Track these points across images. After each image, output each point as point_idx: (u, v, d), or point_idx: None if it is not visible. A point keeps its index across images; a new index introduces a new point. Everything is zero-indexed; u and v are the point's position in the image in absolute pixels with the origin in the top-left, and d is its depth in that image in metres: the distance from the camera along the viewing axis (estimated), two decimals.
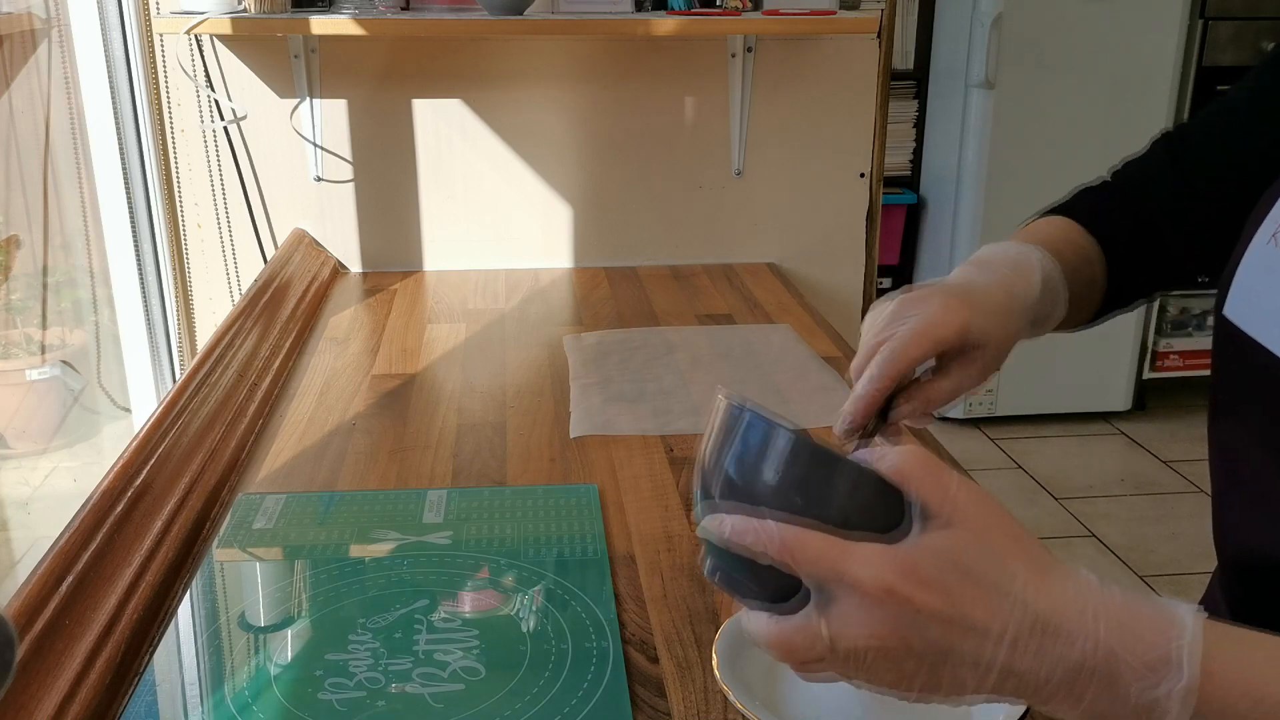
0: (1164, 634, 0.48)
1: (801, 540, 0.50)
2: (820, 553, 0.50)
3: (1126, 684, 0.48)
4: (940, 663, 0.50)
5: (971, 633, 0.49)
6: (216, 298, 1.90)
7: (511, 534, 0.98)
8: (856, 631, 0.50)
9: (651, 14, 1.77)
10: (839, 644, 0.50)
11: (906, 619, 0.49)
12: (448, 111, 1.86)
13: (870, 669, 0.51)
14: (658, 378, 1.36)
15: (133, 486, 0.96)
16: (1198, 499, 2.81)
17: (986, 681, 0.50)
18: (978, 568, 0.50)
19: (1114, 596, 0.50)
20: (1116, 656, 0.48)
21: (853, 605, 0.50)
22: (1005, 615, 0.49)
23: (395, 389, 1.34)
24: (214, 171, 1.84)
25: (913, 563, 0.49)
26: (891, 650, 0.50)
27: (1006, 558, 0.50)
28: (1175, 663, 0.48)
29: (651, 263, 1.96)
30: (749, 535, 0.51)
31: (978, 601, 0.49)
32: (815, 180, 1.96)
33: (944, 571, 0.49)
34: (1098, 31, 2.90)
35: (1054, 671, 0.49)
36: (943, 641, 0.49)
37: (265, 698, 0.75)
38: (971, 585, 0.49)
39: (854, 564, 0.49)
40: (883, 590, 0.49)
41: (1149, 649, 0.48)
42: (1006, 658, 0.49)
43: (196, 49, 1.77)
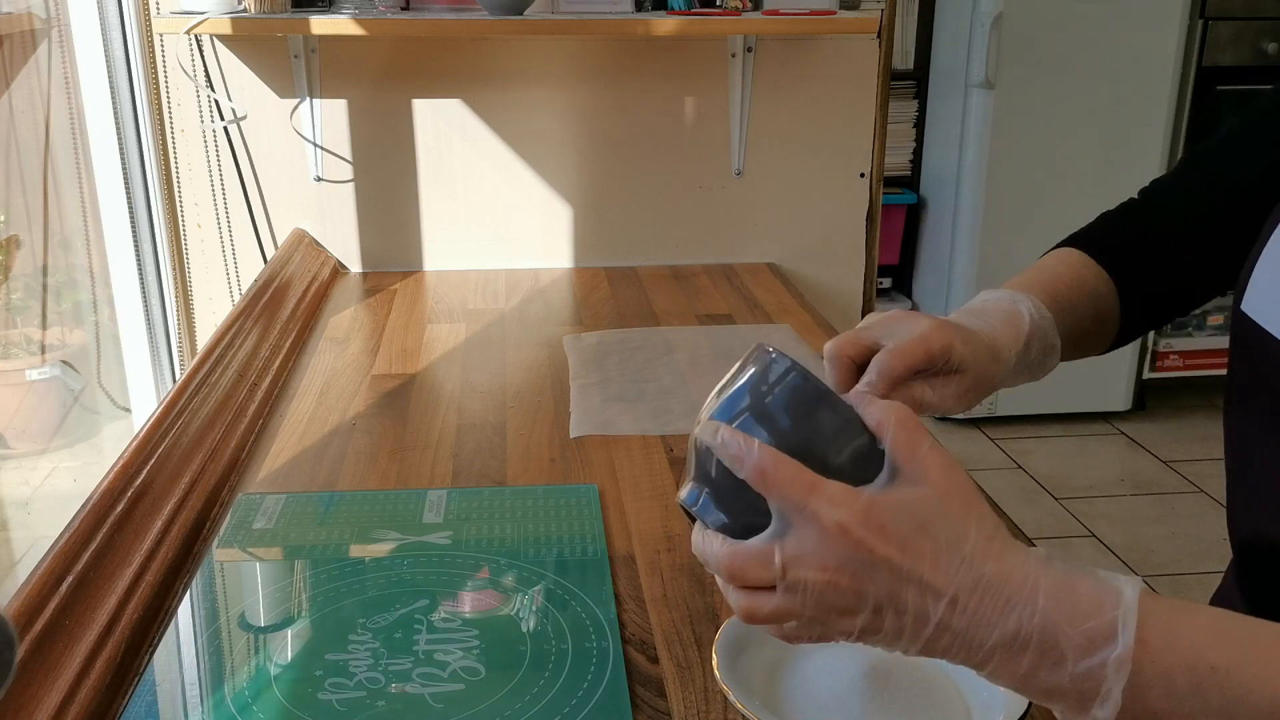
0: (1101, 605, 0.50)
1: (777, 464, 0.53)
2: (792, 479, 0.53)
3: (1064, 653, 0.49)
4: (883, 607, 0.52)
5: (917, 583, 0.51)
6: (216, 298, 1.90)
7: (511, 534, 0.98)
8: (809, 563, 0.52)
9: (651, 14, 1.77)
10: (789, 572, 0.52)
11: (859, 560, 0.51)
12: (448, 111, 1.86)
13: (815, 603, 0.53)
14: (658, 378, 1.36)
15: (133, 486, 0.96)
16: (1198, 499, 2.81)
17: (922, 633, 0.52)
18: (934, 524, 0.52)
19: (1057, 568, 0.51)
20: (1055, 625, 0.50)
21: (810, 538, 0.52)
22: (951, 571, 0.51)
23: (395, 389, 1.34)
24: (214, 171, 1.84)
25: (874, 509, 0.52)
26: (839, 587, 0.52)
27: (962, 520, 0.52)
28: (1110, 632, 0.49)
29: (651, 263, 1.96)
30: (734, 445, 0.54)
31: (928, 555, 0.51)
32: (815, 180, 1.96)
33: (902, 522, 0.52)
34: (1098, 31, 2.90)
35: (989, 634, 0.50)
36: (889, 587, 0.51)
37: (265, 698, 0.75)
38: (926, 539, 0.51)
39: (820, 498, 0.52)
40: (840, 529, 0.51)
41: (1086, 618, 0.49)
42: (946, 613, 0.51)
43: (196, 49, 1.77)
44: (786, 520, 0.53)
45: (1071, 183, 3.02)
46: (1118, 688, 0.49)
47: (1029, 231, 3.05)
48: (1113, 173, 3.02)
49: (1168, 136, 3.01)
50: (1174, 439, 3.16)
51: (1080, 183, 3.02)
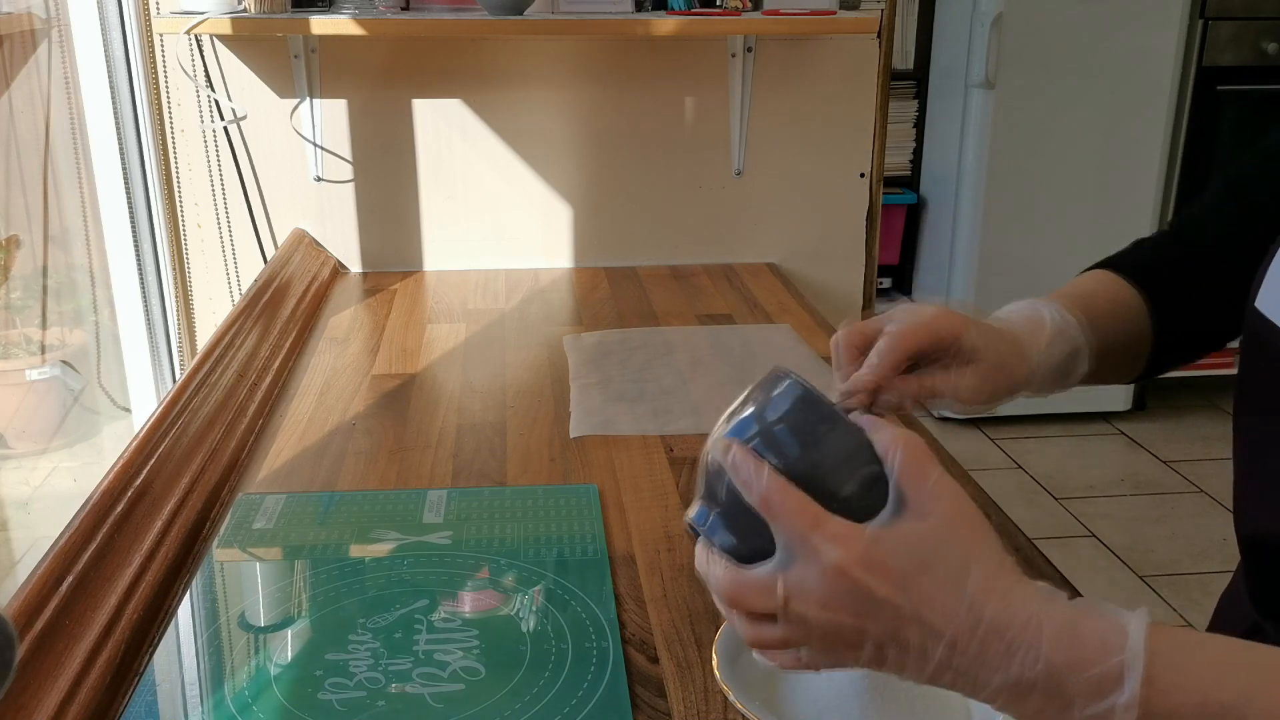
0: (1107, 647, 0.49)
1: (784, 494, 0.53)
2: (797, 512, 0.52)
3: (1071, 699, 0.49)
4: (885, 645, 0.52)
5: (917, 623, 0.51)
6: (216, 298, 1.90)
7: (511, 534, 0.98)
8: (810, 599, 0.52)
9: (651, 14, 1.77)
10: (791, 605, 0.52)
11: (859, 599, 0.51)
12: (448, 111, 1.86)
13: (817, 638, 0.53)
14: (658, 378, 1.36)
15: (133, 486, 0.96)
16: (1198, 499, 2.81)
17: (925, 669, 0.52)
18: (936, 562, 0.51)
19: (1061, 608, 0.50)
20: (1060, 671, 0.49)
21: (812, 574, 0.52)
22: (951, 612, 0.50)
23: (395, 389, 1.34)
24: (214, 171, 1.84)
25: (875, 548, 0.51)
26: (841, 625, 0.52)
27: (966, 556, 0.52)
28: (1118, 677, 0.48)
29: (651, 263, 1.96)
30: (745, 470, 0.54)
31: (928, 595, 0.51)
32: (815, 180, 1.96)
33: (903, 560, 0.51)
34: (1098, 31, 2.90)
35: (993, 677, 0.50)
36: (890, 626, 0.51)
37: (265, 698, 0.75)
38: (927, 577, 0.51)
39: (822, 536, 0.52)
40: (838, 570, 0.51)
41: (1092, 664, 0.49)
42: (945, 654, 0.51)
43: (196, 49, 1.77)
44: (791, 554, 0.52)
45: (1071, 182, 3.02)
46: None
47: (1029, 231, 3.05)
48: (1113, 172, 3.02)
49: (1168, 136, 3.01)
50: (1174, 439, 3.16)
51: (1080, 182, 3.02)
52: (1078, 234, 3.06)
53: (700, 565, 0.57)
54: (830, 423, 0.55)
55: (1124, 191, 3.05)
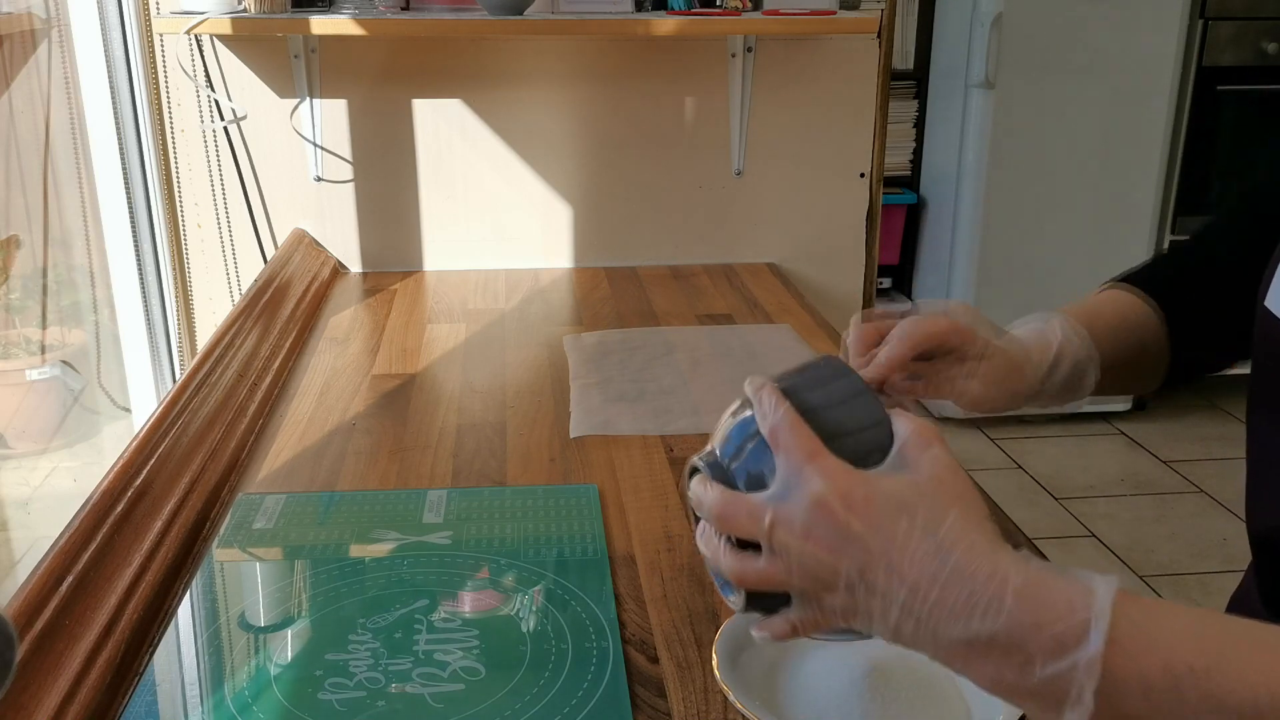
0: (1072, 606, 0.49)
1: (793, 426, 0.55)
2: (800, 443, 0.55)
3: (1031, 655, 0.49)
4: (855, 585, 0.53)
5: (885, 565, 0.52)
6: (216, 298, 1.90)
7: (511, 534, 0.98)
8: (794, 528, 0.54)
9: (651, 14, 1.77)
10: (775, 533, 0.54)
11: (835, 533, 0.53)
12: (448, 111, 1.86)
13: (798, 570, 0.54)
14: (658, 378, 1.36)
15: (133, 486, 0.96)
16: (1198, 499, 2.81)
17: (890, 617, 0.52)
18: (914, 509, 0.52)
19: (1030, 566, 0.51)
20: (1022, 627, 0.49)
21: (799, 505, 0.53)
22: (918, 557, 0.51)
23: (395, 389, 1.34)
24: (214, 171, 1.84)
25: (859, 487, 0.53)
26: (817, 560, 0.53)
27: (944, 508, 0.53)
28: (1081, 634, 0.48)
29: (651, 263, 1.96)
30: (767, 401, 0.56)
31: (900, 538, 0.52)
32: (815, 180, 1.96)
33: (883, 503, 0.53)
34: (1098, 31, 2.90)
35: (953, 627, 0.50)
36: (860, 564, 0.52)
37: (265, 698, 0.75)
38: (904, 522, 0.52)
39: (814, 467, 0.54)
40: (821, 500, 0.53)
41: (1055, 621, 0.48)
42: (909, 599, 0.51)
43: (196, 49, 1.77)
44: (786, 484, 0.54)
45: (1071, 182, 3.02)
46: (1089, 690, 0.48)
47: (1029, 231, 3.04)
48: (1113, 172, 3.02)
49: (1168, 136, 3.01)
50: (1174, 439, 3.16)
51: (1080, 182, 3.02)
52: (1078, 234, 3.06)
53: (695, 491, 0.58)
54: (856, 391, 0.58)
55: (1124, 191, 3.05)
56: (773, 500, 0.55)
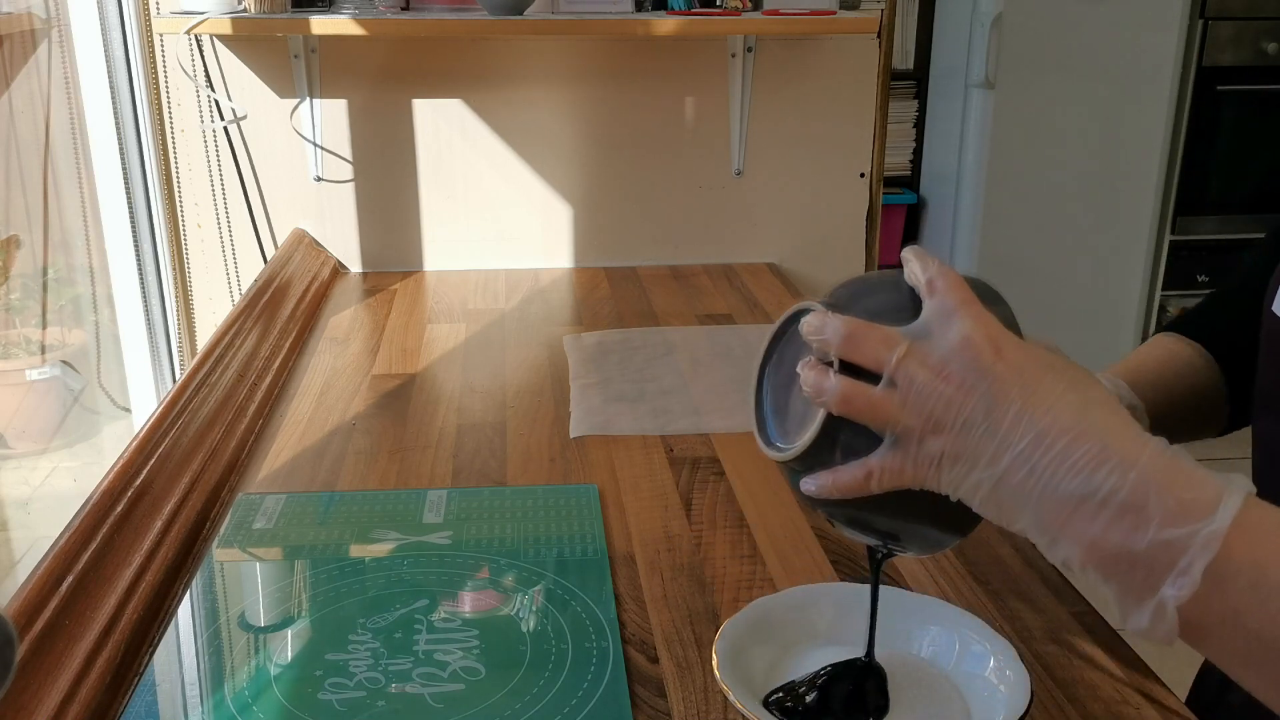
0: (1208, 484, 0.47)
1: (953, 276, 0.54)
2: (957, 288, 0.53)
3: (1150, 515, 0.47)
4: (974, 424, 0.51)
5: (1019, 407, 0.50)
6: (216, 298, 1.90)
7: (511, 534, 0.98)
8: (928, 360, 0.52)
9: (651, 14, 1.77)
10: (905, 364, 0.52)
11: (973, 371, 0.51)
12: (448, 111, 1.86)
13: (914, 404, 0.52)
14: (658, 378, 1.36)
15: (133, 486, 0.96)
16: None
17: (999, 463, 0.50)
18: (1063, 369, 0.52)
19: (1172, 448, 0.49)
20: (1149, 486, 0.47)
21: (944, 340, 0.52)
22: (1060, 408, 0.49)
23: (395, 389, 1.34)
24: (214, 171, 1.84)
25: (1012, 340, 0.52)
26: (944, 395, 0.51)
27: (1093, 383, 0.52)
28: (1210, 506, 0.46)
29: (651, 263, 1.96)
30: (923, 256, 0.56)
31: (1045, 386, 0.50)
32: (815, 180, 1.96)
33: (1033, 359, 0.52)
34: (1098, 31, 2.90)
35: (1072, 480, 0.48)
36: (990, 403, 0.50)
37: (265, 698, 0.75)
38: (1048, 374, 0.51)
39: (971, 311, 0.52)
40: (967, 340, 0.51)
41: (1187, 488, 0.47)
42: (1032, 445, 0.49)
43: (196, 49, 1.77)
44: (930, 325, 0.53)
45: (1071, 183, 3.02)
46: (1200, 563, 0.45)
47: (1029, 231, 3.05)
48: (1113, 172, 3.02)
49: (1168, 136, 3.01)
50: None
51: (1080, 182, 3.02)
52: (1078, 234, 3.06)
53: (814, 322, 0.56)
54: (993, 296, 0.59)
55: (1124, 191, 3.05)
56: (910, 334, 0.53)
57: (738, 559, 0.93)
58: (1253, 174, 3.14)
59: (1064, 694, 0.74)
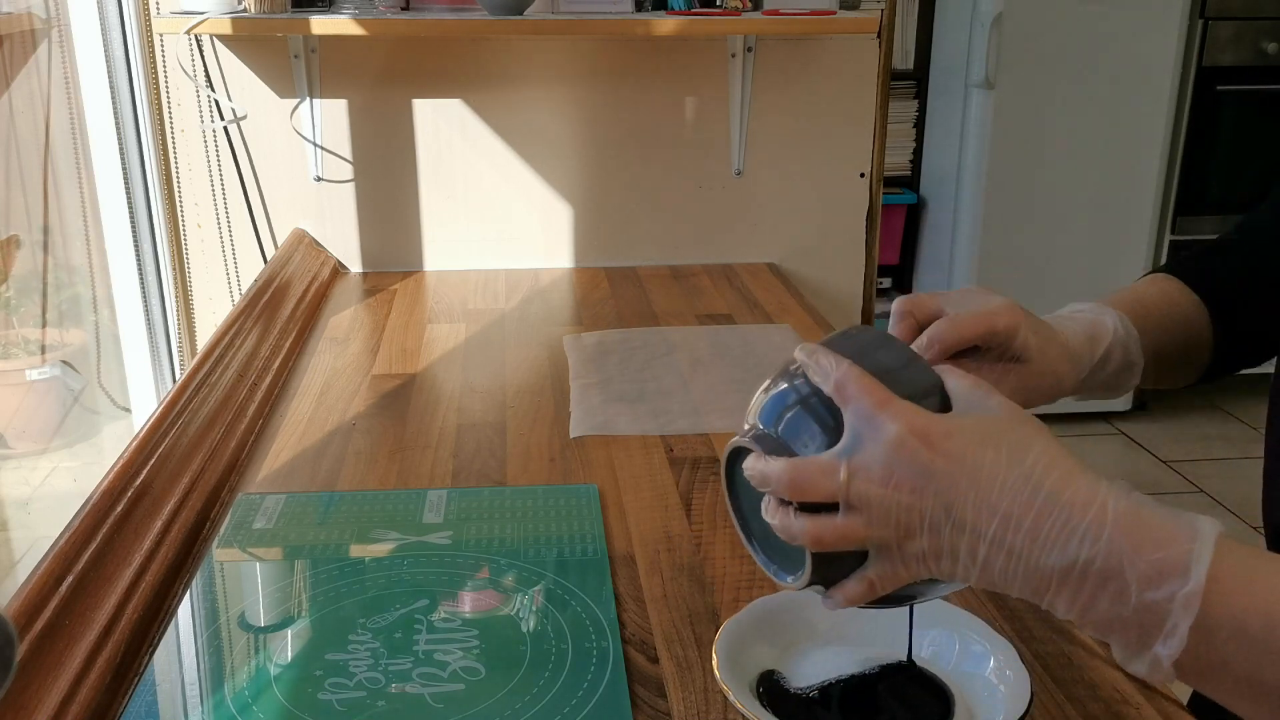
0: (1175, 537, 0.48)
1: (859, 377, 0.54)
2: (869, 390, 0.53)
3: (1128, 582, 0.47)
4: (941, 524, 0.51)
5: (974, 497, 0.50)
6: (216, 298, 1.90)
7: (511, 534, 0.98)
8: (873, 475, 0.52)
9: (651, 14, 1.77)
10: (853, 485, 0.53)
11: (918, 471, 0.51)
12: (448, 111, 1.86)
13: (877, 517, 0.52)
14: (658, 378, 1.36)
15: (133, 486, 0.96)
16: (1198, 499, 2.81)
17: (978, 553, 0.51)
18: (997, 440, 0.51)
19: (1129, 496, 0.49)
20: (1121, 553, 0.47)
21: (876, 449, 0.52)
22: (1009, 486, 0.50)
23: (395, 389, 1.34)
24: (214, 171, 1.84)
25: (938, 424, 0.52)
26: (900, 503, 0.52)
27: (1029, 440, 0.51)
28: (1182, 566, 0.47)
29: (651, 263, 1.96)
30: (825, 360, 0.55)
31: (987, 468, 0.50)
32: (815, 180, 1.96)
33: (964, 436, 0.51)
34: (1098, 31, 2.90)
35: (1048, 556, 0.49)
36: (947, 501, 0.51)
37: (265, 698, 0.75)
38: (989, 453, 0.51)
39: (888, 412, 0.52)
40: (900, 440, 0.51)
41: (1156, 549, 0.47)
42: (1000, 530, 0.50)
43: (196, 49, 1.77)
44: (857, 434, 0.53)
45: (1071, 182, 3.02)
46: (1184, 624, 0.46)
47: (1029, 231, 3.04)
48: (1113, 172, 3.02)
49: (1168, 136, 3.01)
50: (1174, 439, 3.15)
51: (1080, 182, 3.02)
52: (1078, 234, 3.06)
53: (754, 467, 0.56)
54: (908, 359, 0.58)
55: (1124, 191, 3.04)
56: (844, 453, 0.53)
57: (738, 559, 0.93)
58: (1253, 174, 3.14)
59: (1064, 694, 0.74)
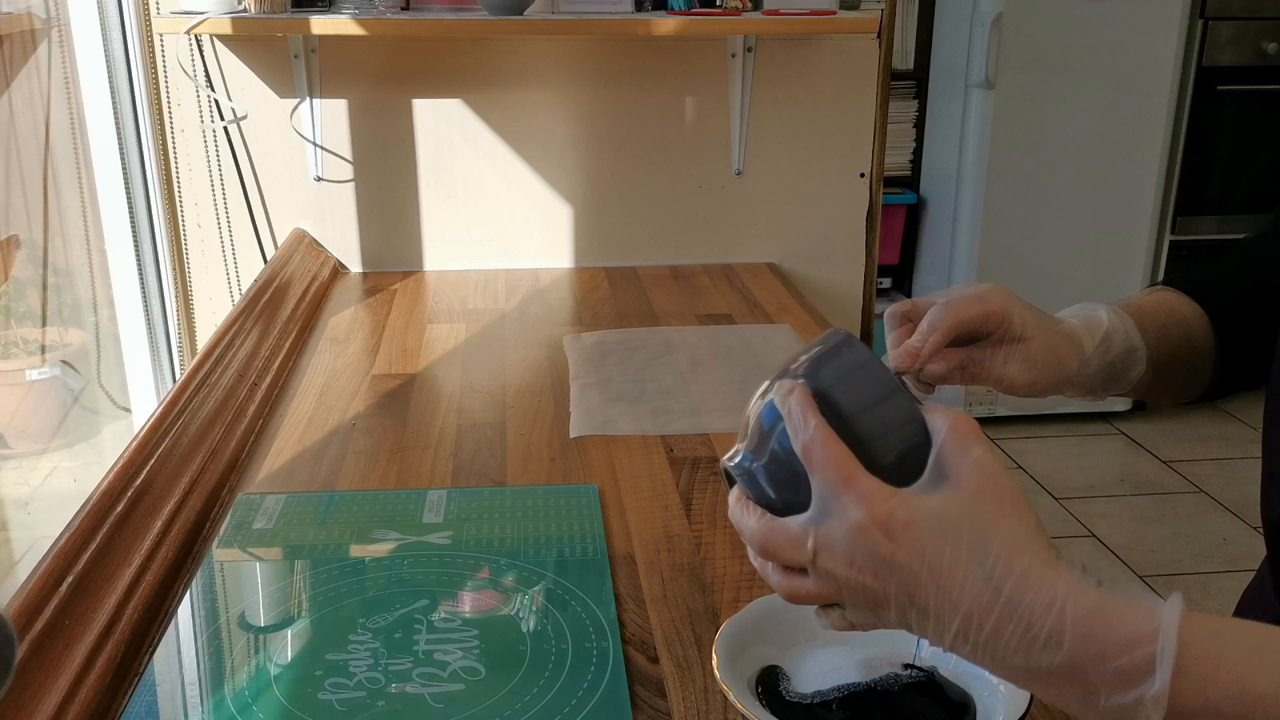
0: (1136, 637, 0.47)
1: (826, 445, 0.53)
2: (834, 464, 0.52)
3: (1095, 687, 0.48)
4: (906, 609, 0.52)
5: (936, 592, 0.50)
6: (216, 298, 1.90)
7: (511, 534, 0.98)
8: (837, 556, 0.52)
9: (651, 14, 1.77)
10: (819, 559, 0.53)
11: (878, 562, 0.51)
12: (448, 111, 1.86)
13: (846, 595, 0.53)
14: (658, 378, 1.36)
15: (133, 486, 0.96)
16: (1198, 499, 2.81)
17: (945, 639, 0.51)
18: (958, 531, 0.51)
19: (1086, 593, 0.49)
20: (1084, 663, 0.48)
21: (839, 530, 0.52)
22: (969, 585, 0.50)
23: (395, 389, 1.34)
24: (214, 171, 1.84)
25: (898, 511, 0.51)
26: (864, 586, 0.52)
27: (991, 528, 0.51)
28: (1147, 668, 0.47)
29: (651, 263, 1.96)
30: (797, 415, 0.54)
31: (946, 564, 0.50)
32: (815, 180, 1.96)
33: (925, 527, 0.51)
34: (1098, 31, 2.90)
35: (1014, 657, 0.49)
36: (909, 591, 0.51)
37: (265, 698, 0.75)
38: (949, 546, 0.50)
39: (851, 493, 0.52)
40: (861, 529, 0.51)
41: (1119, 653, 0.47)
42: (963, 626, 0.50)
43: (196, 49, 1.77)
44: (824, 506, 0.53)
45: (1071, 182, 3.02)
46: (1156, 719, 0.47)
47: (1029, 231, 3.05)
48: (1113, 172, 3.02)
49: (1168, 136, 3.01)
50: (1174, 439, 3.16)
51: (1080, 182, 3.02)
52: (1078, 234, 3.06)
53: (734, 514, 0.57)
54: (887, 390, 0.56)
55: (1124, 191, 3.05)
56: (812, 522, 0.53)
57: (738, 559, 0.93)
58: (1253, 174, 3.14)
59: None
